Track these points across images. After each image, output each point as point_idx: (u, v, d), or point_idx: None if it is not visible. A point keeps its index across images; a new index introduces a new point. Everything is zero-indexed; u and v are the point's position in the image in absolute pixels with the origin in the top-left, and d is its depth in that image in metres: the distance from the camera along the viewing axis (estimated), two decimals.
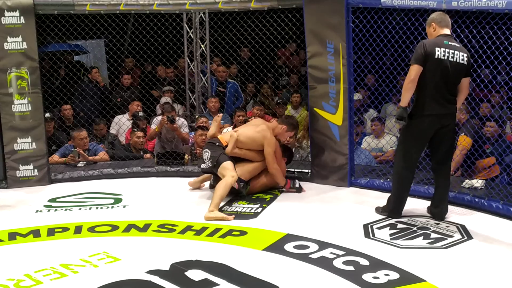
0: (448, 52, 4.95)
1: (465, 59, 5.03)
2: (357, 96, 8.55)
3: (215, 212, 5.43)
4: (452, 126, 5.21)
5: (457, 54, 4.98)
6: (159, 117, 8.09)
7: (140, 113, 8.43)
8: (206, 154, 5.96)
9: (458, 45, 5.07)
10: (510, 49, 5.50)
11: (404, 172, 5.23)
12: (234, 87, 9.30)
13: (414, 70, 4.93)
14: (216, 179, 6.01)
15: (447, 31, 5.10)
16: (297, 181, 6.30)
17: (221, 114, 6.77)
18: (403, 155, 5.22)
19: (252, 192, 6.10)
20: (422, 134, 5.11)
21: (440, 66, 4.93)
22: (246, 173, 6.02)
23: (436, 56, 4.92)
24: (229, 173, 5.75)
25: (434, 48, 4.93)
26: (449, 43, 5.00)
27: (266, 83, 10.04)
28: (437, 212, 5.33)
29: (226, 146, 5.97)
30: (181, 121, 8.10)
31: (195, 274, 4.09)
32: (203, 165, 6.04)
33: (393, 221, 5.22)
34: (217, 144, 6.02)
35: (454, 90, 5.08)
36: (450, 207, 5.56)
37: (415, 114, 5.07)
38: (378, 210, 5.45)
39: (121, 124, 8.40)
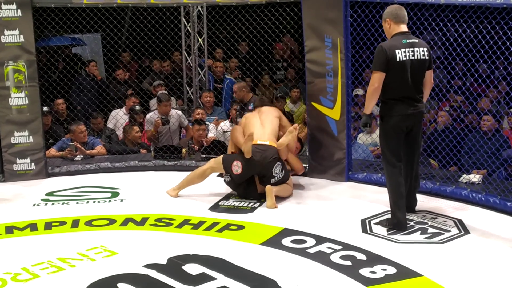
0: (409, 51, 4.77)
1: (426, 53, 4.87)
2: (360, 92, 8.55)
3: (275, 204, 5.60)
4: (420, 126, 5.09)
5: (417, 51, 4.81)
6: (151, 115, 8.08)
7: (137, 107, 8.42)
8: (278, 167, 5.72)
9: (417, 40, 4.89)
10: (508, 44, 5.50)
11: (395, 177, 4.96)
12: (230, 84, 9.29)
13: (378, 78, 4.77)
14: (250, 186, 5.90)
15: (404, 27, 4.91)
16: None
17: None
18: (388, 160, 4.98)
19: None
20: (396, 131, 4.92)
21: (403, 68, 4.77)
22: (261, 187, 5.87)
23: (398, 60, 4.74)
24: (292, 186, 5.97)
25: (394, 51, 4.75)
26: (408, 41, 4.81)
27: (268, 73, 10.04)
28: (409, 207, 5.17)
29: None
30: (175, 112, 8.09)
31: (192, 268, 4.10)
32: (273, 180, 5.70)
33: (390, 215, 5.21)
34: (278, 153, 5.84)
35: (420, 87, 4.94)
36: (447, 202, 5.61)
37: (385, 115, 4.93)
38: (383, 224, 5.09)
39: (118, 118, 8.39)
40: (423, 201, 5.54)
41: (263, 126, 5.98)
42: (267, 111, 6.19)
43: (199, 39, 8.59)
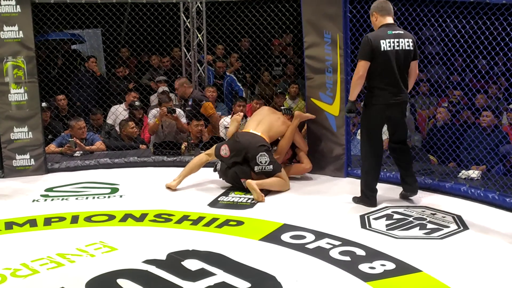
0: (393, 42, 5.06)
1: (411, 44, 5.15)
2: None
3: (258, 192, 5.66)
4: (403, 115, 5.33)
5: (402, 42, 5.09)
6: (154, 110, 8.06)
7: (137, 103, 8.41)
8: (264, 158, 5.80)
9: (402, 32, 5.17)
10: (507, 40, 5.50)
11: (371, 161, 5.34)
12: (230, 81, 9.33)
13: (362, 66, 5.05)
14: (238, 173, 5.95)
15: (390, 19, 5.19)
16: None
17: (242, 114, 6.48)
18: (368, 146, 5.33)
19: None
20: (377, 121, 5.26)
21: (388, 58, 5.05)
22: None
23: (382, 49, 5.03)
24: (288, 182, 5.99)
25: (379, 41, 5.03)
26: (393, 32, 5.10)
27: (267, 69, 10.05)
28: (412, 189, 5.50)
29: (270, 143, 6.03)
30: (177, 112, 8.09)
31: (192, 264, 4.10)
32: (256, 168, 5.81)
33: (389, 211, 5.24)
34: (268, 145, 5.94)
35: (405, 77, 5.21)
36: (446, 198, 5.63)
37: (368, 104, 5.24)
38: (355, 200, 5.51)
39: (118, 114, 8.39)
40: (422, 197, 5.56)
41: (262, 123, 6.10)
42: (279, 117, 6.30)
43: (198, 35, 8.58)
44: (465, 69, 6.58)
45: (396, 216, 5.14)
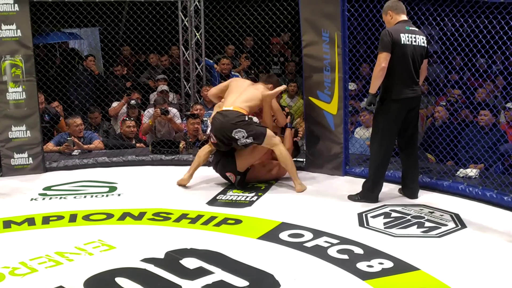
0: (411, 37, 5.16)
1: (425, 41, 5.27)
2: (352, 86, 8.55)
3: (303, 184, 5.90)
4: (418, 108, 5.44)
5: (418, 38, 5.20)
6: (150, 110, 8.05)
7: (132, 101, 8.39)
8: (240, 133, 5.68)
9: (417, 29, 5.28)
10: (505, 38, 5.51)
11: (381, 157, 5.37)
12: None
13: (384, 58, 5.08)
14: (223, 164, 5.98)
15: (404, 16, 5.29)
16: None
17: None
18: (380, 141, 5.34)
19: (248, 182, 6.08)
20: (395, 118, 5.27)
21: (406, 51, 5.13)
22: (244, 162, 5.96)
23: (402, 42, 5.11)
24: (278, 141, 5.89)
25: (399, 34, 5.11)
26: (410, 28, 5.21)
27: (265, 68, 10.05)
28: (411, 192, 5.55)
29: (247, 114, 5.84)
30: (173, 112, 8.08)
31: (190, 262, 4.10)
32: (238, 143, 5.71)
33: (387, 209, 5.24)
34: (243, 117, 5.77)
35: (418, 72, 5.30)
36: (444, 196, 5.62)
37: (386, 99, 5.24)
38: (353, 198, 5.52)
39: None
40: (420, 195, 5.56)
41: (238, 96, 5.95)
42: (255, 85, 6.18)
43: (197, 34, 8.58)
44: (463, 68, 6.59)
45: (394, 214, 5.15)
